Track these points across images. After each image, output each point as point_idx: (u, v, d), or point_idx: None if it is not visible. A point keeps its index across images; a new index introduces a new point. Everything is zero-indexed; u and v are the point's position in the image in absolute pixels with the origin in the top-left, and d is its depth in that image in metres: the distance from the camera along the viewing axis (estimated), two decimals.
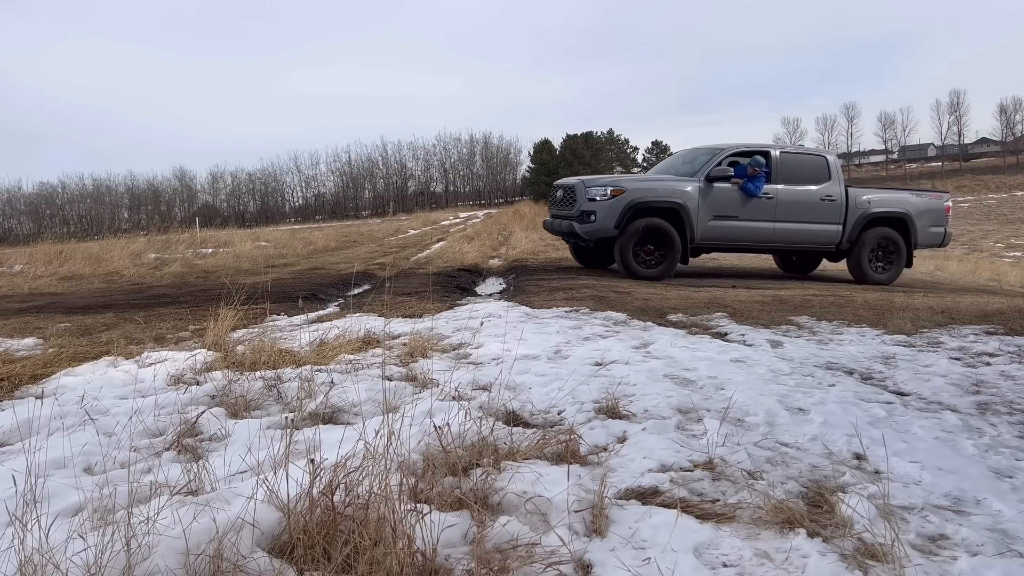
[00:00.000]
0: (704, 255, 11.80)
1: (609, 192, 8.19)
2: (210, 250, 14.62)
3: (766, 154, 8.71)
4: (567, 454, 2.39)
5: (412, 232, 23.95)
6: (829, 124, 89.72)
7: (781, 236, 8.75)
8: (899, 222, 9.12)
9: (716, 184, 8.43)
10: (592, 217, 8.18)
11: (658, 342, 4.40)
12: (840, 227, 8.90)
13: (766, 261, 11.76)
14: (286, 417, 2.83)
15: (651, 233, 8.20)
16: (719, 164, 8.51)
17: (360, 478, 1.81)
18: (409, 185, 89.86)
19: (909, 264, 9.32)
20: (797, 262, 10.61)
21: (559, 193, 9.25)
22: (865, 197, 9.00)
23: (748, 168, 8.50)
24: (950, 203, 9.50)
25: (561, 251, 12.36)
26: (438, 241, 18.40)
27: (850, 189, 8.98)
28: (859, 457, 2.45)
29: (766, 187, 8.55)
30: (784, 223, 8.69)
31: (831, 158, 9.08)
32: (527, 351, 4.07)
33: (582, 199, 8.40)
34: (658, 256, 8.31)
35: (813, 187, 8.79)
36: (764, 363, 3.87)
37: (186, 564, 1.60)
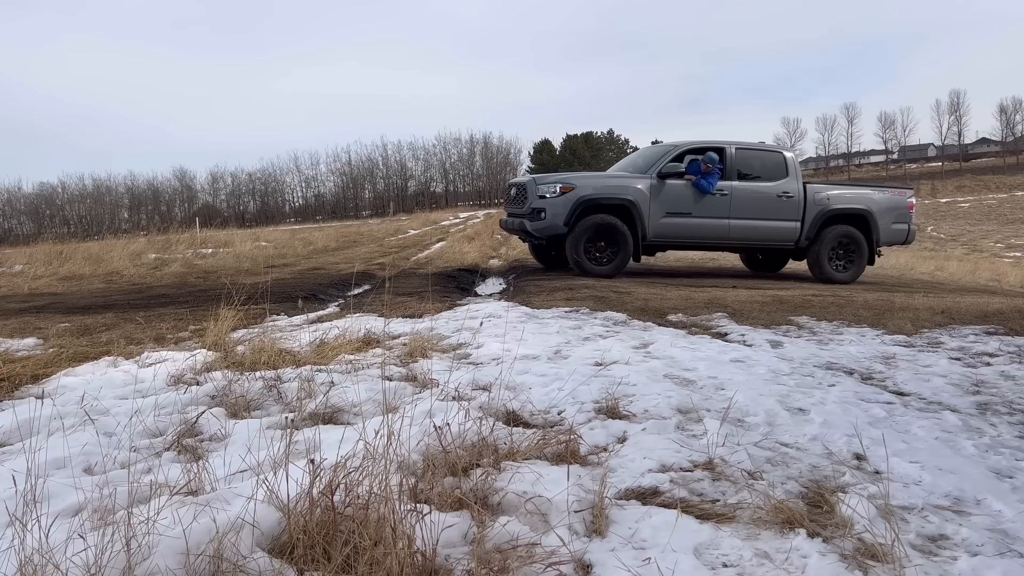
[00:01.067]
0: (703, 254, 11.78)
1: (559, 189, 8.15)
2: (210, 250, 14.62)
3: (720, 150, 8.64)
4: (567, 454, 2.39)
5: (412, 232, 23.95)
6: (829, 124, 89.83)
7: (736, 233, 8.68)
8: (860, 219, 9.00)
9: (669, 181, 8.39)
10: (542, 214, 8.15)
11: (658, 342, 4.40)
12: (798, 224, 8.81)
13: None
14: (286, 417, 2.83)
15: (602, 230, 8.16)
16: (671, 161, 8.46)
17: (360, 478, 1.81)
18: (409, 185, 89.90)
19: (871, 262, 9.21)
20: (764, 260, 10.54)
21: (513, 191, 9.23)
22: (824, 194, 8.91)
23: (702, 165, 8.45)
24: (914, 200, 9.40)
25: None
26: (438, 241, 18.40)
27: (808, 185, 8.90)
28: (859, 457, 2.45)
29: (720, 184, 8.48)
30: (739, 220, 8.61)
31: (788, 154, 9.00)
32: (527, 351, 4.07)
33: (533, 196, 8.35)
34: (610, 253, 8.26)
35: (769, 183, 8.72)
36: (764, 363, 3.87)
37: (186, 564, 1.60)
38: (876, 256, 9.49)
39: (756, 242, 8.97)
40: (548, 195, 8.17)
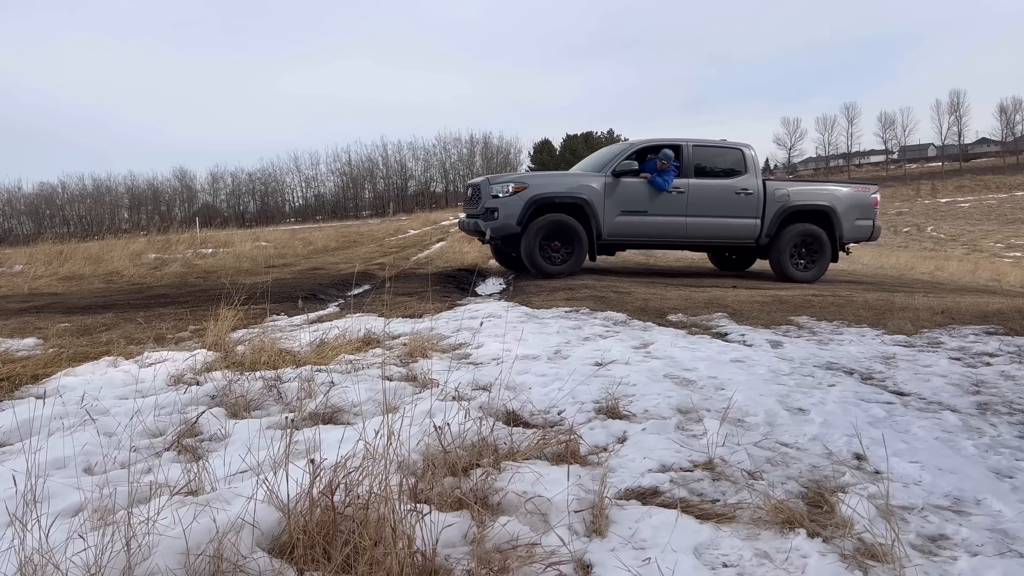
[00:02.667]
0: (703, 254, 11.74)
1: (511, 188, 8.09)
2: (210, 250, 14.62)
3: (677, 147, 8.57)
4: (567, 454, 2.39)
5: (412, 232, 23.95)
6: (829, 124, 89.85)
7: (694, 231, 8.60)
8: (821, 215, 8.88)
9: (624, 179, 8.33)
10: (495, 214, 8.09)
11: (658, 342, 4.40)
12: (758, 221, 8.71)
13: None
14: (286, 417, 2.83)
15: (556, 229, 8.11)
16: (625, 159, 8.40)
17: (360, 478, 1.81)
18: (409, 185, 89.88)
19: (835, 259, 9.12)
20: (733, 259, 10.44)
21: (469, 192, 9.17)
22: (784, 190, 8.82)
23: (657, 162, 8.39)
24: (878, 195, 9.28)
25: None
26: (438, 241, 18.40)
27: (768, 182, 8.81)
28: (859, 457, 2.45)
29: (677, 181, 8.41)
30: (696, 217, 8.53)
31: (748, 150, 8.88)
32: (527, 351, 4.07)
33: (486, 196, 8.29)
34: (565, 252, 8.22)
35: (728, 180, 8.64)
36: (764, 363, 3.87)
37: (186, 564, 1.60)
38: (846, 253, 9.41)
39: (715, 240, 8.86)
40: (501, 195, 8.11)
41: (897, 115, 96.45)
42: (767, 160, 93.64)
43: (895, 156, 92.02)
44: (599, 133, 75.17)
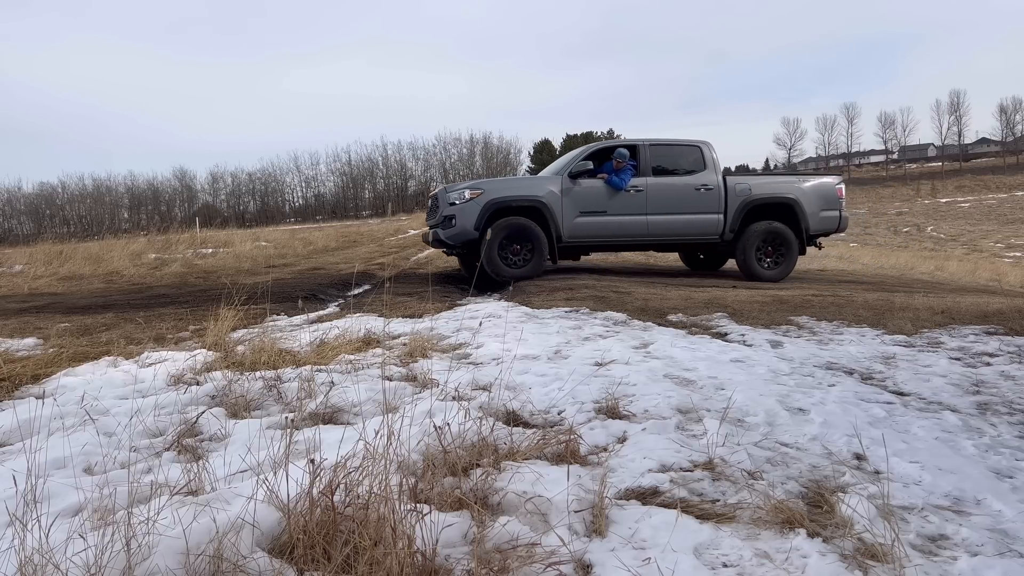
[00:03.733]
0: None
1: (467, 195, 8.10)
2: (210, 250, 14.63)
3: (633, 147, 8.58)
4: (567, 454, 2.39)
5: (412, 232, 23.94)
6: (829, 124, 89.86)
7: (656, 229, 8.58)
8: (785, 208, 8.83)
9: (581, 181, 8.33)
10: (453, 221, 8.08)
11: (658, 342, 4.40)
12: (720, 216, 8.68)
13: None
14: (286, 417, 2.83)
15: (515, 232, 8.09)
16: (582, 160, 8.41)
17: (360, 478, 1.81)
18: (409, 185, 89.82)
19: (803, 251, 9.05)
20: (703, 259, 10.38)
21: (430, 202, 9.15)
22: (745, 184, 8.78)
23: (614, 162, 8.39)
24: (842, 186, 9.18)
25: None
26: None
27: (729, 177, 8.79)
28: (859, 457, 2.45)
29: (635, 180, 8.41)
30: (657, 215, 8.52)
31: (706, 147, 8.85)
32: (527, 351, 4.07)
33: (444, 205, 8.29)
34: (524, 256, 8.20)
35: (687, 177, 8.63)
36: (764, 363, 3.87)
37: (186, 564, 1.60)
38: (817, 247, 9.36)
39: (678, 237, 8.83)
40: (457, 201, 8.11)
41: (897, 115, 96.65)
42: (766, 160, 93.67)
43: (895, 156, 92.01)
44: (599, 133, 75.14)
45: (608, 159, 8.57)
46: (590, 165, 8.37)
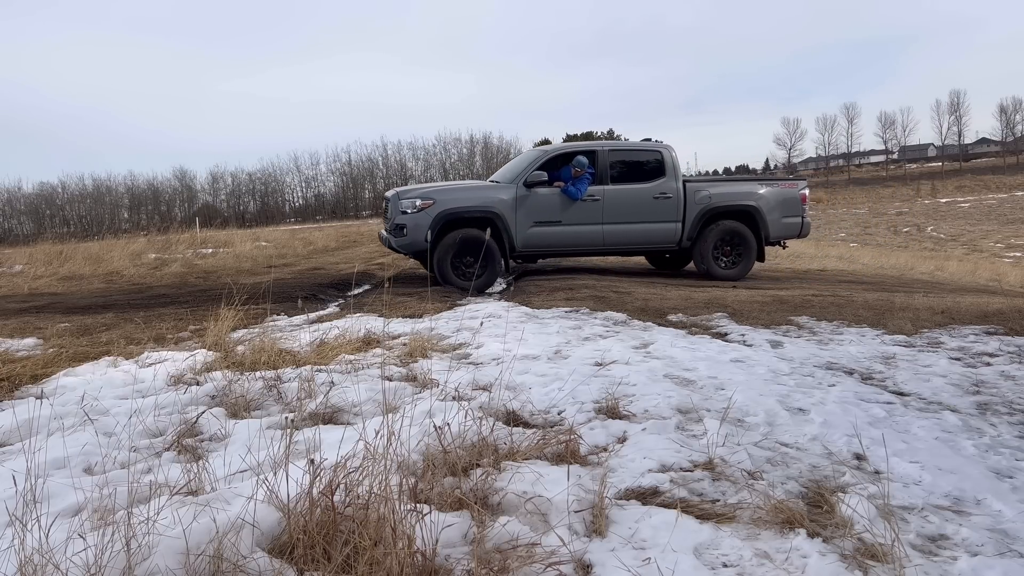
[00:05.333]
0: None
1: (418, 204, 7.91)
2: (210, 250, 14.63)
3: (592, 153, 8.42)
4: (567, 454, 2.39)
5: None
6: (829, 124, 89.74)
7: (611, 239, 8.41)
8: (745, 215, 8.64)
9: (536, 190, 8.15)
10: (404, 231, 7.90)
11: (658, 342, 4.40)
12: (679, 224, 8.51)
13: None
14: (286, 417, 2.83)
15: (468, 244, 7.88)
16: (536, 169, 8.22)
17: (360, 478, 1.81)
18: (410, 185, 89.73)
19: (761, 258, 8.93)
20: (670, 259, 10.19)
21: (384, 205, 8.96)
22: (705, 191, 8.61)
23: (572, 170, 8.20)
24: (806, 191, 9.05)
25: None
26: None
27: (688, 184, 8.61)
28: (859, 457, 2.45)
29: (591, 189, 8.22)
30: (613, 225, 8.34)
31: (667, 152, 8.65)
32: (527, 351, 4.07)
33: (395, 212, 8.11)
34: (478, 267, 8.01)
35: (645, 184, 8.45)
36: (764, 363, 3.87)
37: (186, 564, 1.60)
38: (782, 247, 9.29)
39: (634, 246, 8.70)
40: (409, 210, 7.92)
41: (897, 115, 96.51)
42: (767, 160, 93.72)
43: (895, 156, 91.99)
44: (599, 133, 75.13)
45: (566, 164, 8.36)
46: (544, 176, 8.17)
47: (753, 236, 8.69)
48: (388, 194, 8.75)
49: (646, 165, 8.60)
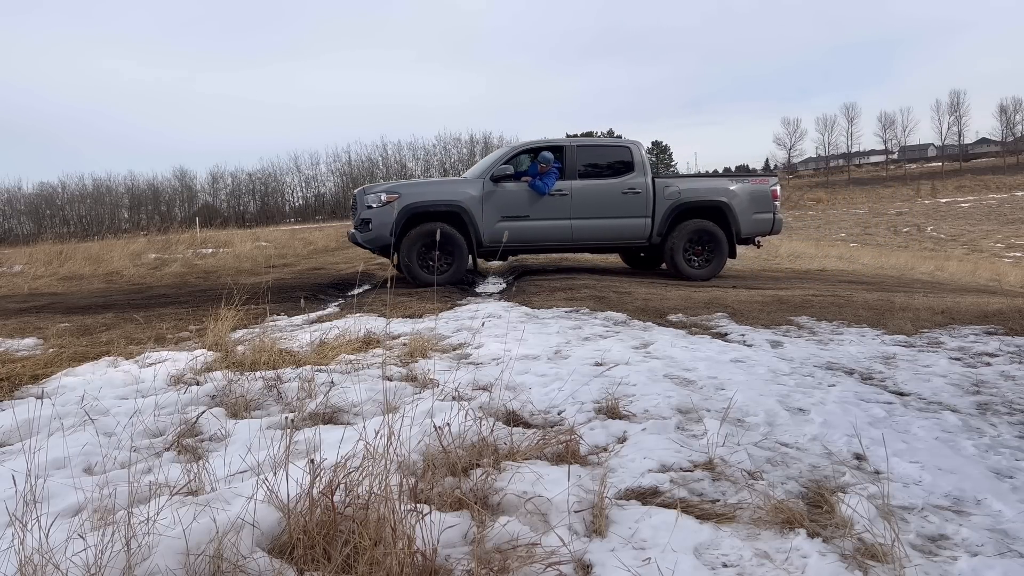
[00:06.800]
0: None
1: (383, 198, 7.90)
2: (210, 250, 14.63)
3: (560, 149, 8.38)
4: (567, 454, 2.39)
5: None
6: (829, 124, 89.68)
7: (580, 234, 8.38)
8: (715, 211, 8.60)
9: (503, 184, 8.14)
10: (369, 225, 7.90)
11: (658, 342, 4.40)
12: (648, 220, 8.47)
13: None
14: (286, 417, 2.83)
15: (433, 238, 7.79)
16: (503, 163, 8.22)
17: (360, 478, 1.81)
18: None
19: (733, 255, 8.89)
20: (645, 257, 10.16)
21: (352, 202, 8.96)
22: (674, 187, 8.59)
23: (538, 165, 8.21)
24: (777, 187, 8.99)
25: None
26: None
27: (658, 180, 8.59)
28: (859, 457, 2.45)
29: (559, 184, 8.21)
30: (581, 220, 8.30)
31: (636, 148, 8.63)
32: (527, 351, 4.07)
33: (361, 207, 8.11)
34: (445, 262, 8.02)
35: (614, 180, 8.43)
36: (764, 363, 3.87)
37: (186, 564, 1.60)
38: (756, 245, 9.26)
39: (603, 242, 8.64)
40: (374, 205, 7.92)
41: (897, 115, 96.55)
42: (767, 160, 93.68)
43: (895, 156, 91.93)
44: (599, 133, 75.16)
45: (535, 160, 8.36)
46: (511, 169, 8.17)
47: (724, 233, 8.63)
48: (356, 191, 8.72)
49: (615, 161, 8.56)
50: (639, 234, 8.57)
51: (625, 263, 10.70)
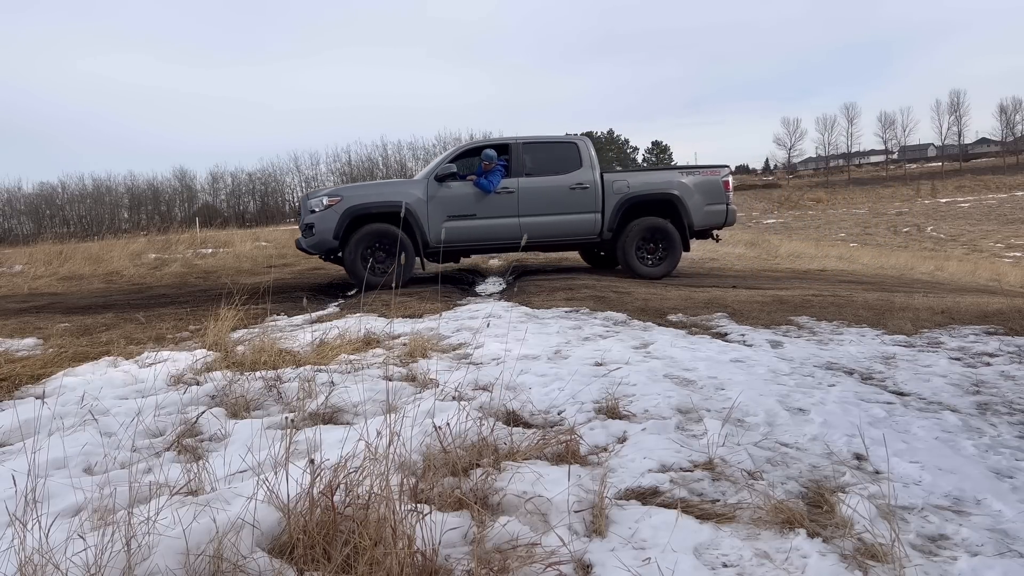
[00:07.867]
0: (702, 254, 11.59)
1: (325, 202, 7.87)
2: (210, 250, 14.63)
3: (504, 147, 8.37)
4: (567, 454, 2.39)
5: None
6: (829, 124, 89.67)
7: (529, 231, 8.10)
8: (666, 204, 8.56)
9: (448, 183, 8.11)
10: (312, 230, 7.85)
11: (658, 342, 4.40)
12: (598, 215, 8.44)
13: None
14: (286, 417, 2.83)
15: (378, 239, 7.85)
16: (447, 163, 8.21)
17: (360, 478, 1.81)
18: None
19: (687, 248, 8.85)
20: (605, 256, 10.08)
21: (298, 207, 9.02)
22: (623, 181, 8.56)
23: (482, 164, 8.19)
24: (730, 179, 8.92)
25: (561, 251, 12.25)
26: None
27: (606, 175, 8.57)
28: (859, 457, 2.45)
29: (505, 181, 8.18)
30: (529, 217, 8.24)
31: (582, 143, 8.62)
32: (527, 351, 4.07)
33: (305, 212, 8.07)
34: (391, 263, 7.96)
35: (561, 176, 8.39)
36: (764, 363, 3.87)
37: (186, 564, 1.60)
38: (715, 239, 9.22)
39: (554, 238, 8.59)
40: (317, 209, 7.87)
41: (897, 115, 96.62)
42: (767, 159, 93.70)
43: (895, 156, 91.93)
44: (599, 133, 75.16)
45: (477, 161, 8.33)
46: (453, 168, 8.15)
47: (676, 228, 8.59)
48: (300, 197, 8.75)
49: (562, 157, 8.53)
50: (589, 230, 8.52)
51: (585, 261, 10.64)
